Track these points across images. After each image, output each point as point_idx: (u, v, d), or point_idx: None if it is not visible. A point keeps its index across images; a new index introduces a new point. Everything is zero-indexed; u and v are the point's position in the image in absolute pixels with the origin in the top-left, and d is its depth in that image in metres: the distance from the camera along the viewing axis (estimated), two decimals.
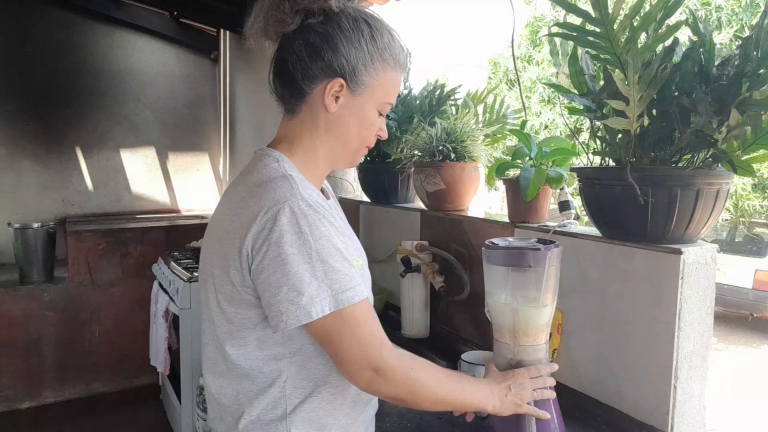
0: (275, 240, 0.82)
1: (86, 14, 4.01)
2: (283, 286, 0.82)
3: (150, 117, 4.32)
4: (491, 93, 2.03)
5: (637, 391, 1.20)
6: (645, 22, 1.07)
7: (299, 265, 0.82)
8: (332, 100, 0.93)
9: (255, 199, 0.86)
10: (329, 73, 0.92)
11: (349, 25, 0.91)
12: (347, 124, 0.95)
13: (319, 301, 0.82)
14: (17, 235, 3.26)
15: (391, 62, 0.95)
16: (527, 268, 1.01)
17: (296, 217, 0.83)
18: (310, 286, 0.82)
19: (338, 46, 0.90)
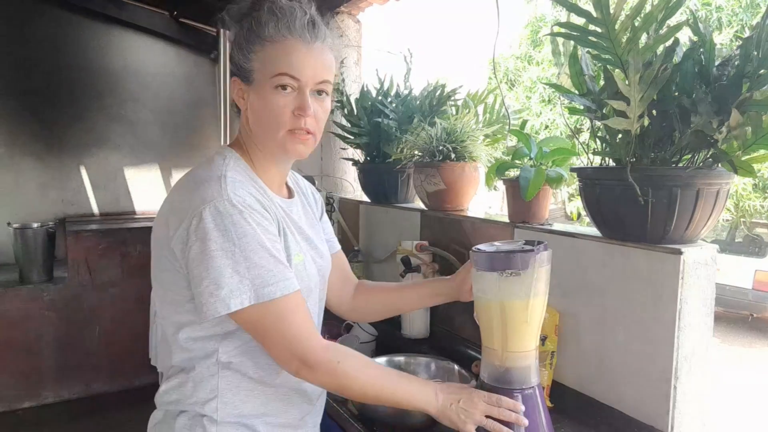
0: (200, 236, 0.88)
1: (86, 14, 4.01)
2: (205, 279, 0.88)
3: (149, 117, 4.31)
4: (491, 93, 2.03)
5: (637, 391, 1.20)
6: (646, 22, 1.07)
7: (221, 260, 0.87)
8: (239, 98, 1.02)
9: (190, 195, 0.93)
10: (231, 76, 1.02)
11: (238, 29, 1.00)
12: (256, 113, 1.00)
13: (238, 295, 0.88)
14: (17, 235, 3.26)
15: (270, 37, 0.96)
16: (515, 272, 0.98)
17: (221, 216, 0.89)
18: (231, 279, 0.87)
19: (230, 51, 1.01)
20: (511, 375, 1.02)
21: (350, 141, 2.30)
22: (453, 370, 1.45)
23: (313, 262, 1.08)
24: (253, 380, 1.01)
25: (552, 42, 1.33)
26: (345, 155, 2.82)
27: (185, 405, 1.00)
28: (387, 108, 2.11)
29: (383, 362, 1.51)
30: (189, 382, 1.00)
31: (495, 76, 1.96)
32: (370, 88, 2.23)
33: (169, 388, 1.02)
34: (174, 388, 1.01)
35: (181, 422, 0.99)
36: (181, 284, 0.95)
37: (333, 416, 1.37)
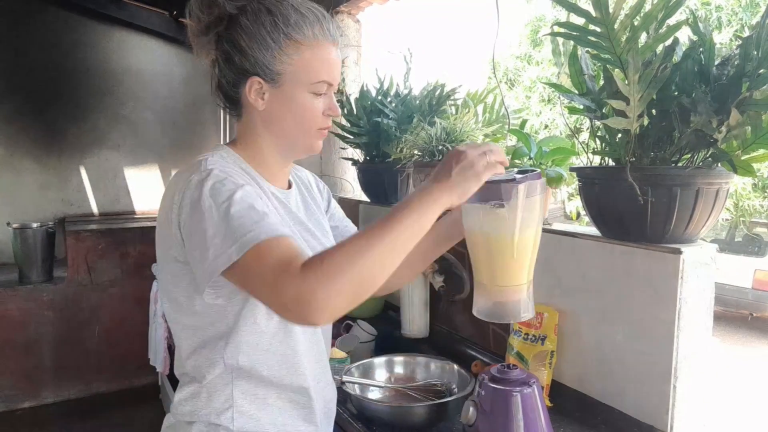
0: (185, 213, 0.86)
1: (86, 14, 4.01)
2: (194, 250, 0.85)
3: (149, 117, 4.31)
4: (491, 93, 2.02)
5: (637, 391, 1.20)
6: (645, 21, 1.07)
7: (202, 225, 0.83)
8: (257, 99, 0.95)
9: (172, 186, 0.91)
10: (245, 75, 0.94)
11: (249, 23, 0.92)
12: (281, 116, 0.96)
13: (223, 252, 0.80)
14: (16, 235, 3.26)
15: (306, 40, 0.93)
16: (498, 203, 0.89)
17: (200, 185, 0.85)
18: (215, 240, 0.81)
19: (243, 47, 0.92)
20: (502, 309, 0.95)
21: (350, 141, 2.30)
22: (453, 370, 1.45)
23: (311, 250, 1.01)
24: (269, 386, 0.97)
25: (552, 42, 1.33)
26: (345, 155, 2.82)
27: (200, 416, 0.97)
28: (387, 108, 2.11)
29: (383, 362, 1.51)
30: (203, 392, 0.97)
31: (495, 76, 1.96)
32: (370, 88, 2.23)
33: (183, 399, 0.99)
34: (188, 399, 0.98)
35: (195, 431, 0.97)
36: (182, 282, 0.93)
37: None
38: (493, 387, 1.08)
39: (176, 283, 0.94)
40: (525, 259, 0.93)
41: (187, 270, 0.90)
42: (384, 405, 1.33)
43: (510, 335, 1.45)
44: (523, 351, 1.38)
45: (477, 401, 1.10)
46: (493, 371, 1.12)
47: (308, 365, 1.01)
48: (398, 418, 1.26)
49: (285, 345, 0.98)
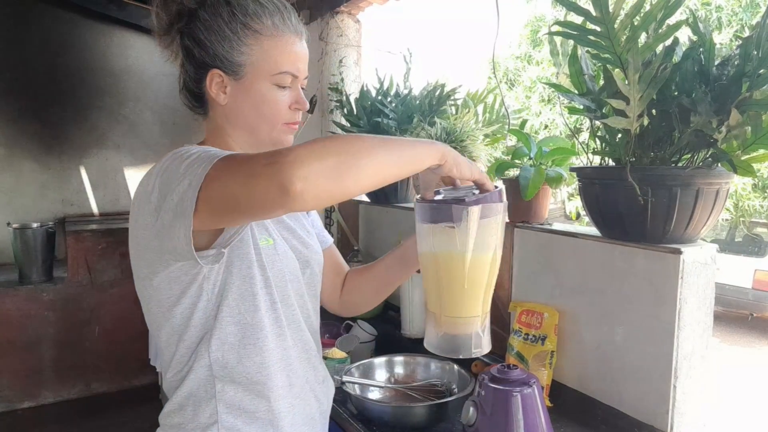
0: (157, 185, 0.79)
1: (86, 14, 4.01)
2: (168, 203, 0.76)
3: (149, 117, 4.31)
4: (491, 93, 2.03)
5: (637, 391, 1.20)
6: (645, 21, 1.07)
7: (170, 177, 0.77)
8: (219, 92, 0.93)
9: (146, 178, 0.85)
10: (205, 68, 0.92)
11: (207, 16, 0.90)
12: (244, 110, 0.93)
13: (189, 191, 0.73)
14: (16, 235, 3.26)
15: (266, 30, 0.90)
16: (448, 225, 0.80)
17: (171, 158, 0.80)
18: (179, 186, 0.75)
19: (202, 40, 0.90)
20: (452, 342, 0.88)
21: None
22: (453, 370, 1.45)
23: (289, 248, 1.00)
24: (254, 398, 0.93)
25: (550, 42, 1.33)
26: None
27: (187, 429, 0.93)
28: (387, 108, 2.11)
29: (383, 362, 1.51)
30: (189, 406, 0.93)
31: (495, 76, 1.96)
32: (370, 88, 2.23)
33: (171, 410, 0.95)
34: (175, 411, 0.94)
35: None
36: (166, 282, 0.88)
37: (333, 416, 1.37)
38: (493, 387, 1.08)
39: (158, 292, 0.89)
40: (478, 290, 0.85)
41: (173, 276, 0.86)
42: (384, 405, 1.33)
43: (510, 335, 1.45)
44: (523, 351, 1.38)
45: (477, 401, 1.10)
46: (493, 371, 1.12)
47: (299, 365, 0.99)
48: (398, 418, 1.26)
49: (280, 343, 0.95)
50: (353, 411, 1.32)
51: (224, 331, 0.90)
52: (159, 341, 0.95)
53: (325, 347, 1.65)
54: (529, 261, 1.49)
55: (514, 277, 1.54)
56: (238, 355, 0.91)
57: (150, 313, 0.93)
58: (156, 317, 0.92)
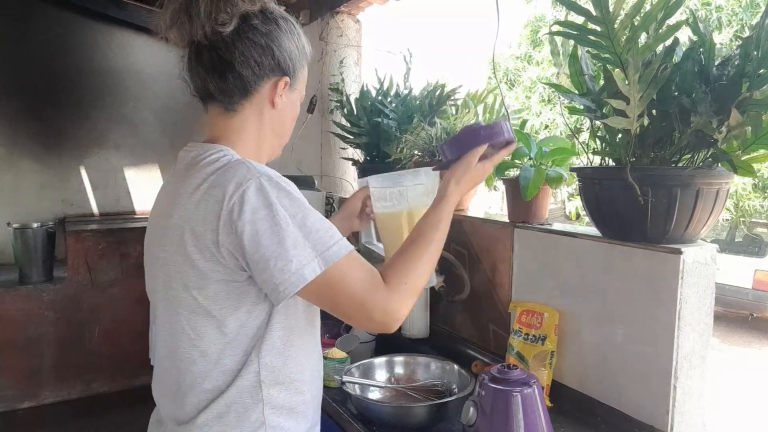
0: (249, 219, 0.82)
1: (85, 13, 4.01)
2: (270, 259, 0.82)
3: (149, 117, 4.31)
4: (491, 93, 2.02)
5: (637, 391, 1.20)
6: (646, 21, 1.07)
7: (279, 235, 0.82)
8: (279, 97, 0.97)
9: (216, 188, 0.85)
10: (277, 72, 0.96)
11: (285, 25, 0.96)
12: (285, 118, 1.02)
13: (308, 263, 0.82)
14: (16, 235, 3.26)
15: (308, 57, 1.02)
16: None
17: (263, 192, 0.83)
18: (296, 250, 0.82)
19: (282, 44, 0.95)
20: None
21: (350, 141, 2.30)
22: (453, 370, 1.45)
23: None
24: (294, 394, 0.95)
25: (551, 42, 1.33)
26: (345, 155, 2.82)
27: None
28: (387, 108, 2.11)
29: (383, 362, 1.51)
30: (231, 413, 0.90)
31: (495, 76, 1.96)
32: (370, 88, 2.23)
33: (207, 421, 0.90)
34: (213, 420, 0.91)
35: None
36: (225, 293, 0.88)
37: (333, 416, 1.37)
38: (493, 387, 1.08)
39: (213, 302, 0.88)
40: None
41: (233, 287, 0.87)
42: (384, 405, 1.33)
43: (510, 335, 1.45)
44: (523, 351, 1.38)
45: (477, 401, 1.10)
46: (493, 371, 1.12)
47: (317, 357, 1.05)
48: (398, 418, 1.26)
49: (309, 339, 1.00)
50: (353, 411, 1.32)
51: (273, 336, 0.92)
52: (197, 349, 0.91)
53: (325, 347, 1.64)
54: (529, 261, 1.49)
55: (514, 277, 1.54)
56: (284, 357, 0.94)
57: (198, 319, 0.90)
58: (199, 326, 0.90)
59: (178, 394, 0.93)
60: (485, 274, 1.65)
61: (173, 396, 0.94)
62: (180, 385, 0.93)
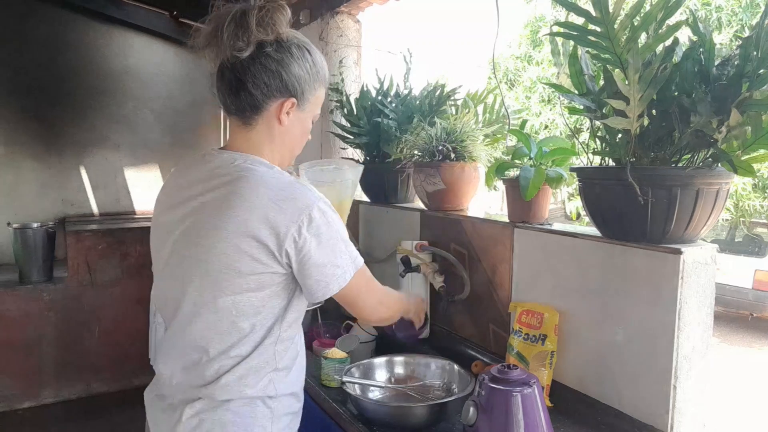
0: (315, 233, 1.03)
1: (85, 14, 4.01)
2: (327, 264, 1.05)
3: (149, 117, 4.31)
4: (491, 93, 2.03)
5: (637, 391, 1.20)
6: (645, 21, 1.07)
7: (334, 247, 1.06)
8: (285, 116, 1.11)
9: (288, 202, 1.02)
10: (284, 93, 1.09)
11: (298, 53, 1.09)
12: (294, 133, 1.16)
13: (348, 269, 1.08)
14: (17, 235, 3.26)
15: (322, 81, 1.15)
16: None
17: (323, 213, 1.04)
18: (342, 259, 1.07)
19: (291, 70, 1.08)
20: None
21: (350, 141, 2.30)
22: (453, 370, 1.45)
23: None
24: (293, 359, 1.15)
25: (551, 42, 1.33)
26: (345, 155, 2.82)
27: (246, 395, 1.07)
28: (387, 108, 2.11)
29: (383, 362, 1.52)
30: (250, 376, 1.07)
31: (495, 76, 1.96)
32: (370, 88, 2.23)
33: (230, 381, 1.06)
34: (235, 381, 1.06)
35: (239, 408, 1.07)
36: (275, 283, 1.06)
37: (333, 416, 1.37)
38: (493, 387, 1.08)
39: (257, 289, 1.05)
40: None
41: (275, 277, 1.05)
42: (384, 405, 1.33)
43: (510, 335, 1.45)
44: (523, 351, 1.38)
45: (477, 401, 1.10)
46: (493, 371, 1.12)
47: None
48: (398, 418, 1.26)
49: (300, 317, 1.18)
50: (353, 411, 1.32)
51: (294, 312, 1.12)
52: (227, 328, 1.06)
53: (325, 347, 1.65)
54: (529, 261, 1.49)
55: (514, 277, 1.54)
56: (292, 330, 1.13)
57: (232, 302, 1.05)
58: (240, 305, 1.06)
59: (200, 363, 1.07)
60: (485, 274, 1.65)
61: (194, 364, 1.08)
62: (207, 354, 1.07)
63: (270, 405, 1.10)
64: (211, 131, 4.51)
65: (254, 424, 1.07)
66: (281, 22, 1.06)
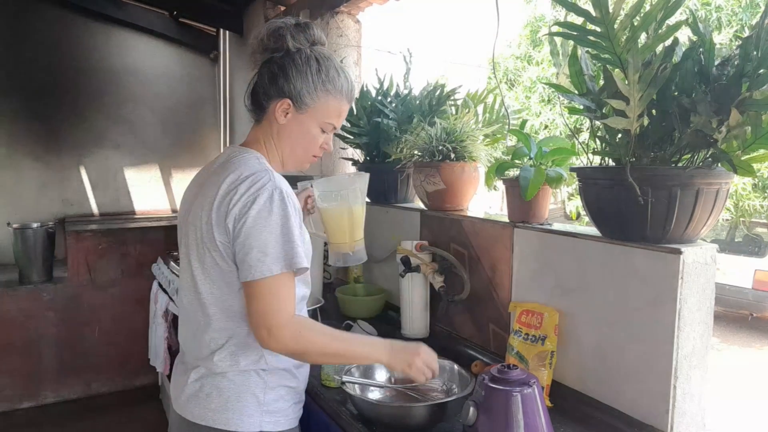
0: (254, 215, 1.08)
1: (85, 14, 4.01)
2: (255, 248, 1.08)
3: (149, 117, 4.32)
4: (491, 93, 2.02)
5: (637, 391, 1.20)
6: (645, 21, 1.07)
7: (269, 234, 1.08)
8: (282, 115, 1.21)
9: (243, 185, 1.11)
10: (280, 94, 1.20)
11: (301, 61, 1.19)
12: (293, 133, 1.23)
13: (278, 262, 1.08)
14: (17, 235, 3.26)
15: (333, 92, 1.22)
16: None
17: (272, 200, 1.09)
18: (273, 250, 1.08)
19: (289, 75, 1.18)
20: (357, 255, 1.56)
21: (350, 141, 2.30)
22: (453, 370, 1.45)
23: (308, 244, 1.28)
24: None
25: (551, 42, 1.33)
26: (345, 155, 2.82)
27: (238, 368, 1.17)
28: (387, 108, 2.11)
29: None
30: (239, 353, 1.16)
31: (495, 76, 1.97)
32: (370, 88, 2.23)
33: (223, 358, 1.16)
34: (227, 357, 1.16)
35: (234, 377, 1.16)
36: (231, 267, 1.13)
37: (333, 416, 1.37)
38: (493, 387, 1.08)
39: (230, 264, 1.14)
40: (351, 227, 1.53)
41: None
42: (384, 405, 1.33)
43: (510, 335, 1.45)
44: (523, 351, 1.38)
45: (477, 401, 1.10)
46: (493, 371, 1.12)
47: None
48: (398, 418, 1.26)
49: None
50: (353, 411, 1.32)
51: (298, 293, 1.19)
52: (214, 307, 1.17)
53: None
54: (529, 261, 1.49)
55: (514, 277, 1.54)
56: (297, 308, 1.17)
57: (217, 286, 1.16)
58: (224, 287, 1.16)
59: (200, 329, 1.19)
60: (485, 274, 1.65)
61: (199, 331, 1.19)
62: (207, 316, 1.17)
63: (263, 377, 1.18)
64: (211, 131, 4.51)
65: (247, 391, 1.17)
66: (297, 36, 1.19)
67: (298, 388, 1.27)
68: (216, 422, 1.16)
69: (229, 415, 1.16)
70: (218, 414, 1.16)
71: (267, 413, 1.18)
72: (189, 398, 1.20)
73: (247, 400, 1.17)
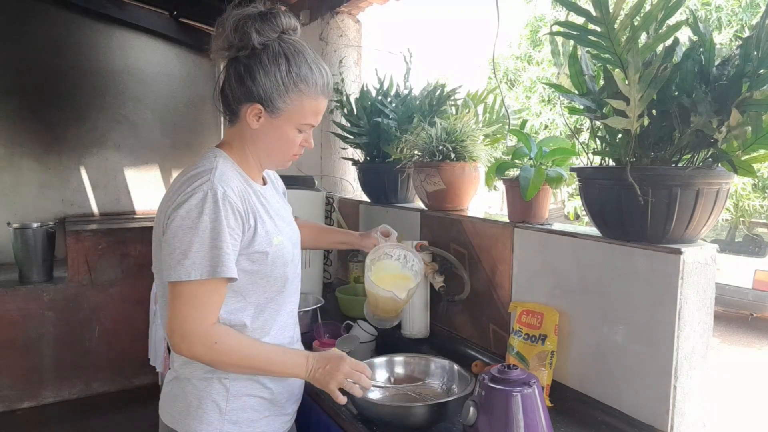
0: (182, 215, 1.03)
1: (85, 14, 4.01)
2: (177, 249, 1.03)
3: (149, 117, 4.32)
4: (491, 93, 2.03)
5: (637, 391, 1.20)
6: (646, 21, 1.07)
7: (192, 237, 1.02)
8: (254, 120, 1.13)
9: (183, 185, 1.08)
10: (250, 99, 1.11)
11: (268, 60, 1.09)
12: (268, 138, 1.16)
13: (197, 268, 1.02)
14: (17, 235, 3.26)
15: (307, 91, 1.12)
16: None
17: (203, 202, 1.04)
18: (197, 255, 1.02)
19: (257, 77, 1.09)
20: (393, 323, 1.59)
21: (350, 141, 2.30)
22: (453, 370, 1.45)
23: (289, 239, 1.23)
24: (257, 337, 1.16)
25: (551, 42, 1.33)
26: (345, 155, 2.82)
27: (200, 376, 1.15)
28: (387, 108, 2.11)
29: (383, 362, 1.52)
30: (196, 362, 1.13)
31: (495, 76, 1.97)
32: (370, 88, 2.23)
33: (184, 363, 1.16)
34: (185, 364, 1.16)
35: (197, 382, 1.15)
36: None
37: (333, 416, 1.37)
38: (493, 387, 1.08)
39: None
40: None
41: None
42: (384, 405, 1.33)
43: (510, 335, 1.45)
44: (523, 351, 1.38)
45: (477, 401, 1.10)
46: (493, 371, 1.12)
47: None
48: (398, 418, 1.26)
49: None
50: (353, 411, 1.32)
51: (236, 298, 1.15)
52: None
53: (325, 347, 1.65)
54: (529, 261, 1.49)
55: (514, 277, 1.54)
56: (238, 317, 1.16)
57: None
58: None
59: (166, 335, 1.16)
60: (485, 274, 1.65)
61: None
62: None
63: (225, 384, 1.15)
64: (211, 131, 4.51)
65: (207, 398, 1.15)
66: (262, 29, 1.07)
67: (276, 401, 1.22)
68: (178, 426, 1.16)
69: (189, 421, 1.15)
70: (181, 418, 1.16)
71: (229, 422, 1.15)
72: (163, 400, 1.22)
73: (207, 407, 1.14)
